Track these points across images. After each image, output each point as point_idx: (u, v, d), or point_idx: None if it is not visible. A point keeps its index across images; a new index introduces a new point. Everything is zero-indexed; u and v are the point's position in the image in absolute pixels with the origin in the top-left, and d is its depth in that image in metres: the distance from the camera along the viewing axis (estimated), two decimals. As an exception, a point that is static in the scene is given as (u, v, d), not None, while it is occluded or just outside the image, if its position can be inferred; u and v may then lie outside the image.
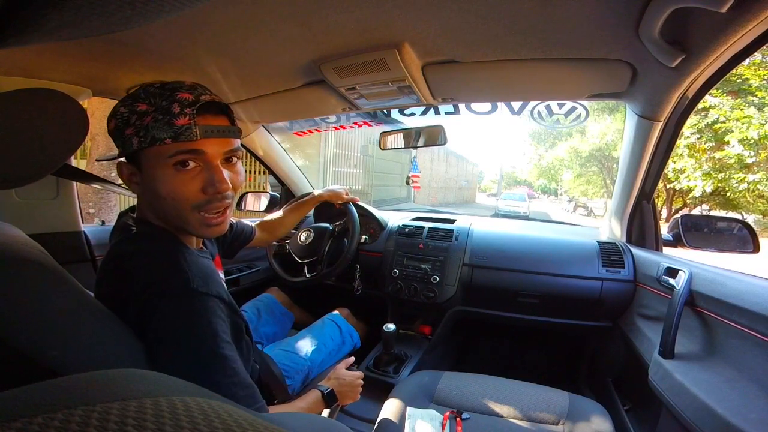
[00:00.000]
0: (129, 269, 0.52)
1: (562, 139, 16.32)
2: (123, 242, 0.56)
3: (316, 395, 0.77)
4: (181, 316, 0.49)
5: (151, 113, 0.51)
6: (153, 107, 0.51)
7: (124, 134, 0.52)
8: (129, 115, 0.51)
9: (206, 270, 0.55)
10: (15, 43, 0.22)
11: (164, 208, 0.54)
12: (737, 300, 0.67)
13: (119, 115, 0.52)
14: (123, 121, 0.52)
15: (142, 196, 0.57)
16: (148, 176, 0.53)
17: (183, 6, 0.23)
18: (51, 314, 0.40)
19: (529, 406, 0.83)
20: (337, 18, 0.65)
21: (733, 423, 0.55)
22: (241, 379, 0.51)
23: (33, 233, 0.85)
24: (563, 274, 1.19)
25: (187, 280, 0.50)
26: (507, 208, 14.80)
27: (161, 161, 0.52)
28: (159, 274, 0.50)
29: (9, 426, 0.14)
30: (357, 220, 1.32)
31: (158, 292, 0.49)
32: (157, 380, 0.22)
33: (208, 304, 0.51)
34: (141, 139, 0.51)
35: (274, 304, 1.32)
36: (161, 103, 0.51)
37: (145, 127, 0.50)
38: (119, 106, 0.52)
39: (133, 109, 0.51)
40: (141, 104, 0.51)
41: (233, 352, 0.52)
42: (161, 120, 0.50)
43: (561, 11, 0.61)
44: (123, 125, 0.52)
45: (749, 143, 6.96)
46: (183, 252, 0.54)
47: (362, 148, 11.11)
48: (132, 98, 0.52)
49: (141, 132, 0.51)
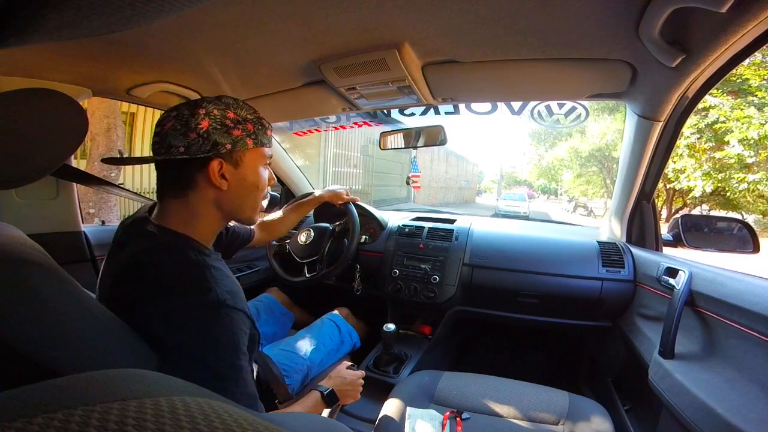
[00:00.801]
0: (156, 277, 0.53)
1: (562, 139, 16.32)
2: (150, 250, 0.56)
3: (315, 396, 0.78)
4: (208, 329, 0.51)
5: (250, 121, 0.61)
6: (250, 116, 0.61)
7: (231, 134, 0.58)
8: (227, 120, 0.58)
9: (232, 285, 0.58)
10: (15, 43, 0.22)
11: (253, 198, 0.65)
12: (737, 300, 0.67)
13: (213, 117, 0.57)
14: (220, 123, 0.57)
15: (225, 190, 0.60)
16: (248, 171, 0.62)
17: (183, 6, 0.23)
18: (51, 315, 0.40)
19: (529, 406, 0.83)
20: (337, 18, 0.65)
21: (733, 423, 0.55)
22: (248, 390, 0.54)
23: (33, 233, 0.85)
24: (563, 274, 1.19)
25: (216, 295, 0.53)
26: (507, 208, 14.80)
27: (260, 160, 0.64)
28: (188, 287, 0.53)
29: (9, 426, 0.14)
30: (357, 220, 1.32)
31: (186, 303, 0.51)
32: (157, 380, 0.22)
33: (234, 318, 0.54)
34: (254, 140, 0.61)
35: (273, 304, 1.32)
36: (252, 116, 0.62)
37: (252, 132, 0.61)
38: (212, 108, 0.58)
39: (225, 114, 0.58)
40: (230, 112, 0.59)
41: (246, 363, 0.55)
42: (261, 130, 0.63)
43: (561, 11, 0.61)
44: (223, 127, 0.58)
45: (749, 143, 6.96)
46: (210, 266, 0.57)
47: (362, 148, 11.11)
48: (224, 105, 0.59)
49: (252, 135, 0.61)
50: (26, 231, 0.52)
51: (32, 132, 0.45)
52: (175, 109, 0.58)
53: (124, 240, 0.60)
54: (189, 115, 0.56)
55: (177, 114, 0.57)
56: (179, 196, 0.59)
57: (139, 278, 0.54)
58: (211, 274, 0.55)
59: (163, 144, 0.56)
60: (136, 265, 0.55)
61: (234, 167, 0.60)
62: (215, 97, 0.60)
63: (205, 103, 0.58)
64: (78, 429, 0.15)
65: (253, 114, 0.62)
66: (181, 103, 0.59)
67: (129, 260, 0.56)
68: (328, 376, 0.86)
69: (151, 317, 0.50)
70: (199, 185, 0.59)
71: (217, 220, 0.63)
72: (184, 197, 0.59)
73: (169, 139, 0.55)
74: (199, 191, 0.59)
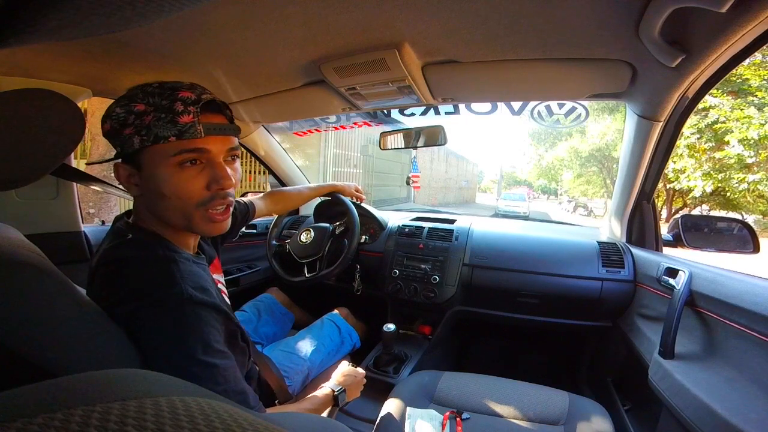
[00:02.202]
0: (122, 275, 0.51)
1: (562, 139, 16.33)
2: (117, 247, 0.55)
3: (327, 394, 0.77)
4: (172, 327, 0.49)
5: (151, 112, 0.50)
6: (152, 106, 0.51)
7: (122, 134, 0.51)
8: (126, 116, 0.51)
9: (200, 280, 0.54)
10: (15, 43, 0.22)
11: (167, 207, 0.54)
12: (737, 300, 0.67)
13: (115, 116, 0.51)
14: (119, 121, 0.51)
15: (141, 197, 0.57)
16: (150, 176, 0.53)
17: (183, 6, 0.23)
18: (48, 316, 0.40)
19: (529, 406, 0.83)
20: (337, 18, 0.65)
21: (733, 423, 0.55)
22: (231, 387, 0.52)
23: (33, 233, 0.85)
24: (563, 274, 1.19)
25: (180, 290, 0.50)
26: (507, 208, 14.79)
27: (164, 160, 0.52)
28: (152, 283, 0.50)
29: (9, 426, 0.14)
30: (357, 220, 1.32)
31: (150, 301, 0.49)
32: (157, 380, 0.22)
33: (201, 314, 0.51)
34: (143, 138, 0.51)
35: (274, 305, 1.32)
36: (161, 102, 0.51)
37: (146, 126, 0.50)
38: (114, 106, 0.52)
39: (130, 109, 0.51)
40: (138, 104, 0.51)
41: (225, 359, 0.52)
42: (164, 118, 0.50)
43: (561, 11, 0.61)
44: (119, 126, 0.51)
45: (749, 143, 6.96)
46: (177, 261, 0.53)
47: (362, 148, 11.11)
48: (128, 98, 0.52)
49: (143, 131, 0.50)
50: (26, 231, 0.52)
51: (30, 132, 0.45)
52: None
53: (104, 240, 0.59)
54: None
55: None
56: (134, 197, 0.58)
57: (107, 277, 0.52)
58: (177, 269, 0.52)
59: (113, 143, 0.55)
60: (105, 263, 0.53)
61: (138, 170, 0.54)
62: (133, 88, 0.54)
63: (118, 99, 0.53)
64: (78, 429, 0.15)
65: (169, 98, 0.51)
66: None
67: (99, 259, 0.55)
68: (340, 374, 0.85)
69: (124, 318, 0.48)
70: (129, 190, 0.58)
71: (166, 226, 0.58)
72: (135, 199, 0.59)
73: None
74: (136, 197, 0.58)
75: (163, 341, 0.48)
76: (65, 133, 0.48)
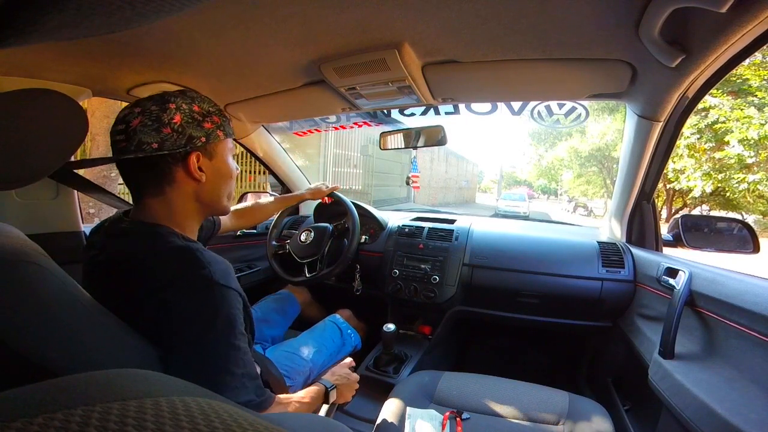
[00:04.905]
0: (148, 268, 0.53)
1: (562, 139, 16.33)
2: (134, 242, 0.56)
3: (319, 389, 0.78)
4: (203, 308, 0.51)
5: (215, 113, 0.61)
6: (212, 108, 0.62)
7: (203, 127, 0.59)
8: (195, 114, 0.59)
9: (223, 264, 0.58)
10: (15, 43, 0.22)
11: (226, 188, 0.66)
12: (737, 300, 0.67)
13: (183, 111, 0.57)
14: (191, 117, 0.58)
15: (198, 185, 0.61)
16: (222, 161, 0.64)
17: (183, 6, 0.23)
18: (50, 316, 0.40)
19: (529, 406, 0.83)
20: (337, 18, 0.65)
21: (733, 423, 0.55)
22: (250, 371, 0.55)
23: (33, 233, 0.85)
24: (563, 274, 1.19)
25: (208, 273, 0.53)
26: (507, 208, 14.79)
27: (229, 151, 0.66)
28: (180, 269, 0.53)
29: (9, 426, 0.14)
30: (357, 220, 1.32)
31: (180, 286, 0.51)
32: (157, 380, 0.22)
33: (227, 296, 0.54)
34: (224, 132, 0.63)
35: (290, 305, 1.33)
36: (214, 109, 0.62)
37: (220, 124, 0.62)
38: (181, 102, 0.57)
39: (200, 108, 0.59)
40: (196, 105, 0.59)
41: (246, 344, 0.56)
42: (225, 121, 0.64)
43: (561, 11, 0.61)
44: (193, 121, 0.58)
45: (749, 143, 6.96)
46: (199, 248, 0.57)
47: (362, 148, 11.10)
48: (190, 99, 0.59)
49: (221, 127, 0.62)
50: (26, 231, 0.52)
51: (32, 132, 0.45)
52: (137, 105, 0.56)
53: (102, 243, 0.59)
54: (159, 110, 0.55)
55: (142, 110, 0.55)
56: (158, 194, 0.59)
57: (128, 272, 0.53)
58: (201, 255, 0.55)
59: (132, 141, 0.54)
60: (123, 260, 0.54)
61: (209, 159, 0.62)
62: (179, 91, 0.59)
63: (173, 98, 0.57)
64: (78, 429, 0.15)
65: (215, 107, 0.63)
66: (143, 99, 0.57)
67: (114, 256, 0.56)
68: (336, 373, 0.85)
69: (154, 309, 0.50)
70: (177, 180, 0.59)
71: (197, 214, 0.64)
72: (163, 194, 0.59)
73: (138, 137, 0.54)
74: (178, 186, 0.59)
75: (194, 323, 0.51)
76: (68, 133, 0.48)
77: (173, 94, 0.58)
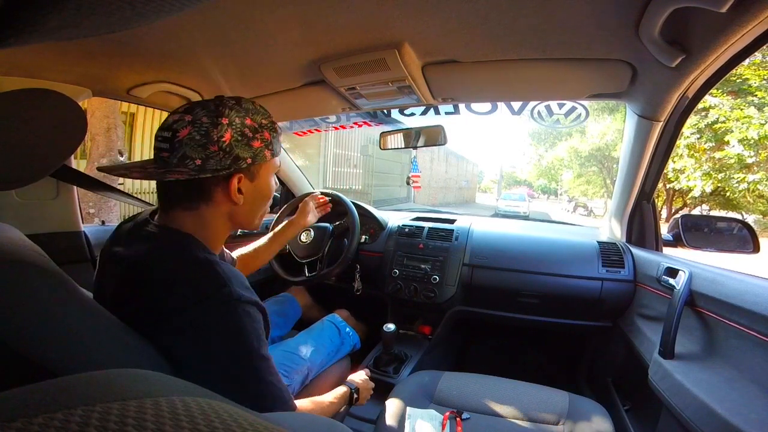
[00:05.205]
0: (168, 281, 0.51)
1: (562, 139, 16.34)
2: (158, 249, 0.54)
3: (346, 391, 0.81)
4: (231, 326, 0.51)
5: (266, 128, 0.57)
6: (266, 121, 0.57)
7: (251, 146, 0.55)
8: (247, 130, 0.54)
9: (241, 279, 0.56)
10: (15, 43, 0.22)
11: (260, 209, 0.63)
12: (737, 300, 0.67)
13: (235, 127, 0.53)
14: (241, 134, 0.54)
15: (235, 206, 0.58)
16: (264, 183, 0.60)
17: (183, 6, 0.23)
18: (49, 316, 0.40)
19: (529, 406, 0.83)
20: (337, 18, 0.65)
21: (733, 423, 0.55)
22: (276, 378, 0.55)
23: (33, 233, 0.85)
24: (563, 274, 1.19)
25: (229, 291, 0.51)
26: (507, 208, 14.79)
27: (273, 170, 0.62)
28: (204, 287, 0.51)
29: (9, 426, 0.14)
30: (357, 220, 1.32)
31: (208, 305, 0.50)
32: (157, 380, 0.22)
33: (250, 312, 0.53)
34: (272, 152, 0.58)
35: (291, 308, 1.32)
36: (267, 121, 0.58)
37: (270, 142, 0.57)
38: (235, 116, 0.53)
39: (252, 122, 0.55)
40: (249, 119, 0.55)
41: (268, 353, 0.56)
42: (275, 137, 0.59)
43: (561, 11, 0.61)
44: (244, 137, 0.54)
45: (749, 143, 6.95)
46: (218, 262, 0.55)
47: (362, 148, 11.10)
48: (244, 111, 0.55)
49: (269, 145, 0.57)
50: (26, 231, 0.52)
51: (32, 132, 0.45)
52: (188, 112, 0.52)
53: (126, 243, 0.57)
54: (210, 124, 0.51)
55: (193, 119, 0.51)
56: (192, 208, 0.56)
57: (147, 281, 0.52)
58: (222, 270, 0.53)
59: (175, 153, 0.51)
60: (141, 267, 0.53)
61: (251, 180, 0.58)
62: (235, 101, 0.55)
63: (227, 110, 0.53)
64: (78, 429, 0.15)
65: (268, 119, 0.58)
66: (196, 105, 0.53)
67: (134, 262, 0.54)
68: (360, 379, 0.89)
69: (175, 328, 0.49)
70: (214, 199, 0.56)
71: (226, 230, 0.62)
72: (197, 209, 0.56)
73: (184, 150, 0.50)
74: (214, 205, 0.56)
75: (225, 341, 0.50)
76: (67, 134, 0.48)
77: (228, 104, 0.53)
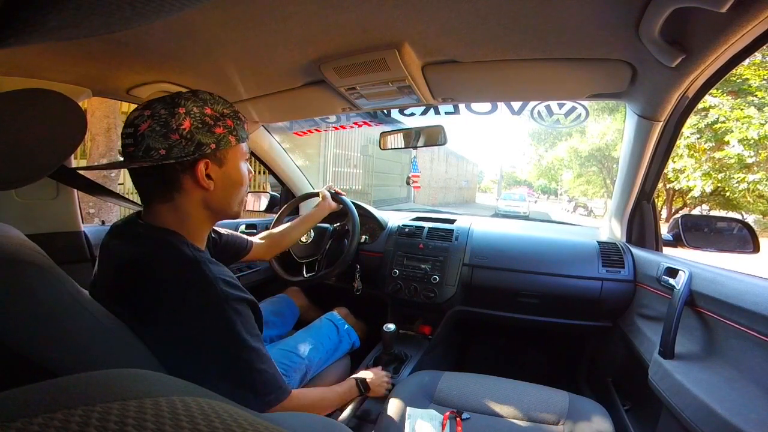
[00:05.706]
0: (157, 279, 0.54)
1: (562, 139, 16.34)
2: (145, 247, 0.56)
3: (351, 382, 0.87)
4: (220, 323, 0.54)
5: (228, 116, 0.59)
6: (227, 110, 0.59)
7: (214, 132, 0.57)
8: (207, 118, 0.56)
9: (227, 276, 0.59)
10: (15, 43, 0.22)
11: (237, 194, 0.64)
12: (737, 300, 0.67)
13: (194, 115, 0.55)
14: (201, 122, 0.56)
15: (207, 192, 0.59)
16: (234, 168, 0.62)
17: (183, 6, 0.23)
18: (49, 315, 0.40)
19: (529, 406, 0.83)
20: (337, 18, 0.65)
21: (733, 423, 0.55)
22: (270, 366, 0.59)
23: (33, 233, 0.85)
24: (563, 274, 1.19)
25: (216, 292, 0.54)
26: (507, 208, 14.79)
27: (242, 156, 0.63)
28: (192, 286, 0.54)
29: (9, 426, 0.14)
30: (357, 220, 1.32)
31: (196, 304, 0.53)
32: (157, 380, 0.22)
33: (239, 309, 0.56)
34: (236, 137, 0.60)
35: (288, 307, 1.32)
36: (229, 111, 0.60)
37: (233, 129, 0.59)
38: (192, 106, 0.55)
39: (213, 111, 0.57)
40: (208, 108, 0.57)
41: (261, 343, 0.59)
42: (239, 124, 0.61)
43: (561, 11, 0.61)
44: (205, 125, 0.56)
45: (749, 143, 6.96)
46: (205, 261, 0.57)
47: (362, 148, 11.10)
48: (202, 102, 0.57)
49: (233, 131, 0.59)
50: (26, 231, 0.53)
51: (32, 132, 0.45)
52: (147, 107, 0.54)
53: (116, 242, 0.60)
54: (167, 114, 0.54)
55: (152, 113, 0.54)
56: (166, 200, 0.58)
57: (138, 281, 0.54)
58: (209, 270, 0.56)
59: (140, 147, 0.53)
60: (132, 268, 0.55)
61: (219, 166, 0.60)
62: (191, 92, 0.57)
63: (183, 100, 0.55)
64: (78, 429, 0.15)
65: (230, 108, 0.60)
66: (154, 100, 0.55)
67: (125, 262, 0.56)
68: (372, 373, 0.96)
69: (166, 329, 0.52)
70: (185, 187, 0.58)
71: (207, 220, 0.63)
72: (171, 200, 0.58)
73: (146, 142, 0.53)
74: (186, 193, 0.58)
75: (216, 339, 0.54)
76: (66, 134, 0.48)
77: (184, 96, 0.56)
